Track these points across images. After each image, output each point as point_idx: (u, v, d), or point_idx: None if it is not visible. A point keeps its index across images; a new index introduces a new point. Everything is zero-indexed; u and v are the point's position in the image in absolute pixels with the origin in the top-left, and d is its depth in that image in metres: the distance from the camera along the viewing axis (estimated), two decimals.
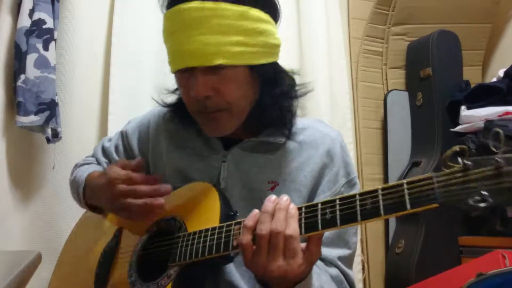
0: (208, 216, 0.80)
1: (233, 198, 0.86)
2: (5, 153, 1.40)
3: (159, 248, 0.84)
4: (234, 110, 0.84)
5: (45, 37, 1.38)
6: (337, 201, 0.66)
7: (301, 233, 0.68)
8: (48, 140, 1.40)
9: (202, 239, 0.76)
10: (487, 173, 0.55)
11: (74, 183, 1.03)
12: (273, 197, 0.71)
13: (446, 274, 1.40)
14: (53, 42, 1.40)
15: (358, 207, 0.63)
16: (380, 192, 0.62)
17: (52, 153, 1.46)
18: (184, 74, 0.82)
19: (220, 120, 0.84)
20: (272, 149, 0.91)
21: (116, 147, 1.06)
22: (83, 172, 1.01)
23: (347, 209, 0.64)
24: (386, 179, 2.02)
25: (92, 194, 0.95)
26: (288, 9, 1.87)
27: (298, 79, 0.94)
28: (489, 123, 1.72)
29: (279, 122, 0.90)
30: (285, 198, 0.70)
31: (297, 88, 0.92)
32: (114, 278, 0.87)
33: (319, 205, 0.68)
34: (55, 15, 1.43)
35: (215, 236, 0.74)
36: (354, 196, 0.65)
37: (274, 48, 0.86)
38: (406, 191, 0.60)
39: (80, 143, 1.49)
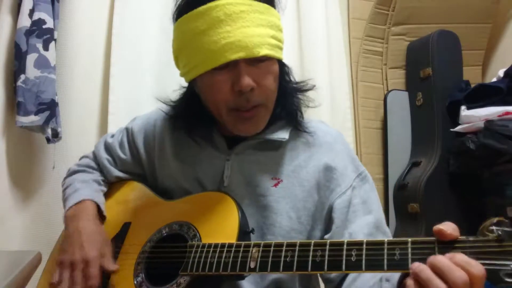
0: (224, 229, 0.79)
1: (237, 196, 0.86)
2: (5, 153, 1.40)
3: (169, 253, 0.83)
4: (269, 105, 0.86)
5: (45, 37, 1.38)
6: (365, 245, 0.65)
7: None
8: (48, 140, 1.40)
9: (217, 254, 0.75)
10: None
11: (63, 194, 1.01)
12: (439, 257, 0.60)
13: None
14: (53, 42, 1.40)
15: (385, 256, 0.62)
16: (409, 245, 0.62)
17: (52, 153, 1.46)
18: (222, 71, 0.81)
19: (257, 116, 0.85)
20: (274, 147, 0.92)
21: (121, 143, 1.05)
22: (74, 192, 0.97)
23: (375, 255, 0.63)
24: (386, 179, 2.02)
25: (68, 224, 0.91)
26: (288, 9, 1.87)
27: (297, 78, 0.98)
28: (489, 123, 1.72)
29: (288, 117, 0.92)
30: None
31: (302, 83, 0.96)
32: (118, 275, 0.86)
33: (345, 246, 0.66)
34: (55, 15, 1.43)
35: (232, 254, 0.74)
36: (382, 243, 0.64)
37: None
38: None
39: (80, 143, 1.49)
